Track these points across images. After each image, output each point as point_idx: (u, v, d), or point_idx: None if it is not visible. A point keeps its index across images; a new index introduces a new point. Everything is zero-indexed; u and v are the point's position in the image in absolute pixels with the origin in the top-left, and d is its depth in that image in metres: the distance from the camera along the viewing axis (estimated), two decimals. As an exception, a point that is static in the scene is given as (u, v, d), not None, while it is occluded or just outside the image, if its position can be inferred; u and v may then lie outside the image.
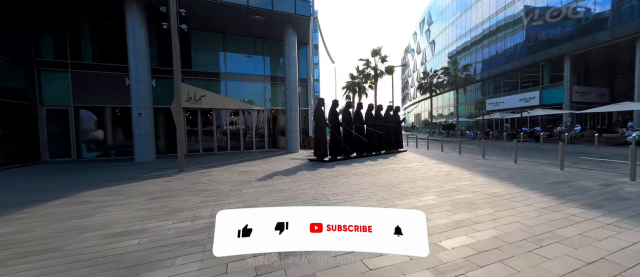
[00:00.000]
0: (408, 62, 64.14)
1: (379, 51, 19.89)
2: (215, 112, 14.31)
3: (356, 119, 11.19)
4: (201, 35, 13.97)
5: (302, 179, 6.35)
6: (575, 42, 19.51)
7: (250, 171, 7.61)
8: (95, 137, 12.29)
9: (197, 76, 13.91)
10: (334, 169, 7.81)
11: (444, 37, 40.44)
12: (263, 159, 10.84)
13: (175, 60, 7.90)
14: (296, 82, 13.53)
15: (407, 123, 73.50)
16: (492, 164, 8.22)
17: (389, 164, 8.74)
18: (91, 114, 12.16)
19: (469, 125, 34.10)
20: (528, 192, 4.74)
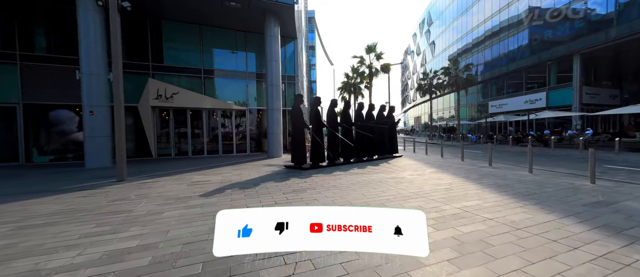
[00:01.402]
0: (408, 64, 62.95)
1: (373, 48, 18.49)
2: (190, 112, 12.90)
3: (344, 119, 9.77)
4: (174, 26, 12.62)
5: (261, 194, 4.91)
6: (585, 39, 18.13)
7: (204, 182, 6.17)
8: (49, 139, 10.88)
9: (170, 72, 12.53)
10: (308, 179, 6.37)
11: (444, 37, 39.19)
12: (235, 165, 9.41)
13: (114, 47, 6.49)
14: (279, 79, 12.14)
15: (406, 126, 72.14)
16: (502, 174, 6.77)
17: (379, 172, 7.29)
18: (51, 112, 10.77)
19: (470, 129, 32.64)
20: (565, 222, 3.29)
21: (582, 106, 19.37)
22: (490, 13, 27.67)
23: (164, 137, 12.58)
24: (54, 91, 10.62)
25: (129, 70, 11.85)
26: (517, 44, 24.38)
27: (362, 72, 20.18)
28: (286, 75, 15.06)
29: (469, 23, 31.75)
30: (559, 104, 20.72)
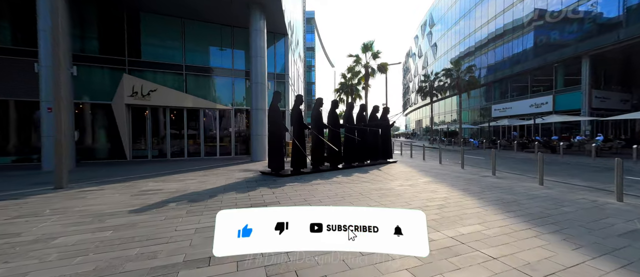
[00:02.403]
0: (410, 66, 62.04)
1: (370, 46, 17.54)
2: (170, 112, 12.02)
3: (331, 121, 8.82)
4: (154, 19, 11.79)
5: (209, 209, 3.97)
6: (594, 40, 17.08)
7: (154, 192, 5.24)
8: (9, 138, 10.04)
9: (148, 68, 11.68)
10: (278, 190, 5.42)
11: (446, 39, 38.27)
12: (207, 169, 8.48)
13: (55, 28, 5.61)
14: (264, 77, 11.24)
15: (408, 129, 70.96)
16: (508, 186, 5.77)
17: (364, 182, 6.32)
18: (12, 109, 9.94)
19: (473, 133, 31.54)
20: (602, 266, 2.30)
21: (591, 111, 18.28)
22: (494, 14, 26.72)
23: (141, 138, 11.70)
24: (15, 85, 9.79)
25: (102, 65, 11.04)
26: (522, 46, 23.37)
27: (358, 72, 19.17)
28: (275, 74, 14.18)
29: (472, 25, 30.80)
30: (567, 108, 19.63)
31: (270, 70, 14.13)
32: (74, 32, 10.83)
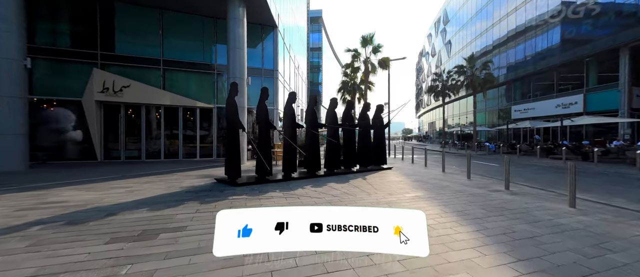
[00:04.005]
0: (423, 66, 59.41)
1: (370, 39, 15.93)
2: (144, 109, 11.16)
3: (310, 121, 7.49)
4: (129, 9, 11.01)
5: (62, 244, 2.77)
6: (635, 29, 14.61)
7: (51, 205, 4.16)
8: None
9: (123, 62, 10.90)
10: (211, 206, 4.16)
11: (461, 36, 35.82)
12: (162, 174, 7.40)
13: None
14: (243, 71, 10.11)
15: (420, 132, 67.91)
16: (524, 208, 4.18)
17: (332, 196, 4.94)
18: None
19: (490, 136, 28.96)
20: None
21: (631, 111, 15.69)
22: (515, 6, 24.30)
23: (114, 138, 10.91)
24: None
25: (72, 59, 10.36)
26: (547, 40, 20.90)
27: (357, 69, 17.62)
28: (263, 69, 13.06)
29: (490, 19, 28.37)
30: (601, 108, 17.07)
31: (256, 65, 13.05)
32: (43, 25, 10.26)
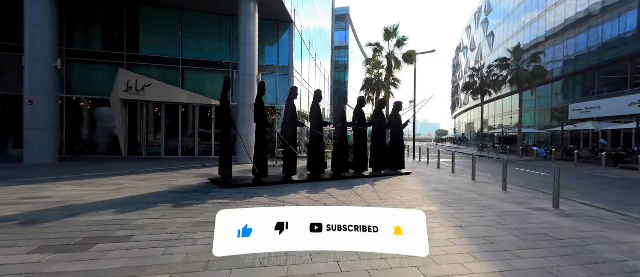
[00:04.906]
0: (460, 62, 54.72)
1: (394, 32, 14.47)
2: (164, 107, 11.53)
3: (314, 120, 6.83)
4: (153, 12, 11.48)
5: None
6: None
7: (31, 200, 4.10)
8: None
9: (146, 62, 11.42)
10: (183, 210, 3.74)
11: (506, 26, 31.89)
12: (162, 172, 7.38)
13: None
14: (254, 68, 9.82)
15: (456, 133, 62.58)
16: (582, 240, 2.97)
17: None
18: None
19: (540, 140, 25.19)
20: None
21: None
22: (575, -14, 20.65)
23: (137, 135, 11.46)
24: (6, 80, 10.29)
25: (103, 60, 11.10)
26: (619, 26, 17.31)
27: (378, 63, 16.26)
28: (278, 66, 12.72)
29: (542, 6, 24.61)
30: (697, 107, 13.49)
31: (271, 62, 12.76)
32: (78, 31, 11.16)
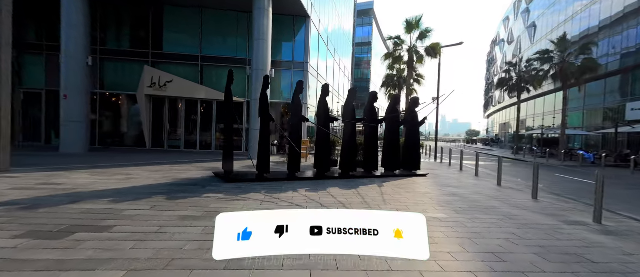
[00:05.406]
0: (496, 57, 50.53)
1: (416, 24, 13.42)
2: (184, 103, 12.01)
3: (323, 112, 6.57)
4: (176, 11, 11.97)
5: None
6: None
7: (57, 186, 4.37)
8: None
9: (168, 59, 11.97)
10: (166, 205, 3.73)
11: (551, 15, 28.62)
12: (176, 164, 7.62)
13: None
14: (267, 63, 9.79)
15: (489, 134, 58.11)
16: (626, 266, 2.37)
17: (320, 208, 3.94)
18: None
19: (588, 143, 22.32)
20: None
21: None
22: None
23: (159, 128, 12.09)
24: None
25: (131, 58, 11.84)
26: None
27: (398, 58, 15.27)
28: (293, 62, 12.60)
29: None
30: None
31: (287, 58, 12.69)
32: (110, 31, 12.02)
